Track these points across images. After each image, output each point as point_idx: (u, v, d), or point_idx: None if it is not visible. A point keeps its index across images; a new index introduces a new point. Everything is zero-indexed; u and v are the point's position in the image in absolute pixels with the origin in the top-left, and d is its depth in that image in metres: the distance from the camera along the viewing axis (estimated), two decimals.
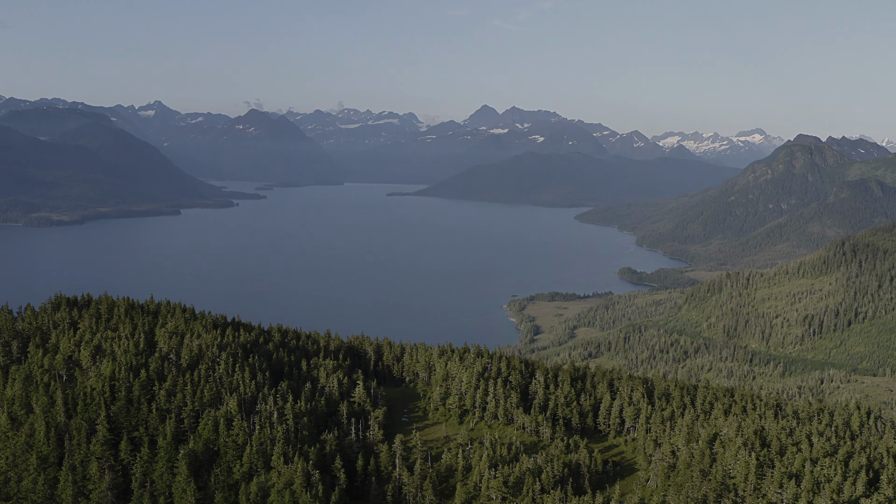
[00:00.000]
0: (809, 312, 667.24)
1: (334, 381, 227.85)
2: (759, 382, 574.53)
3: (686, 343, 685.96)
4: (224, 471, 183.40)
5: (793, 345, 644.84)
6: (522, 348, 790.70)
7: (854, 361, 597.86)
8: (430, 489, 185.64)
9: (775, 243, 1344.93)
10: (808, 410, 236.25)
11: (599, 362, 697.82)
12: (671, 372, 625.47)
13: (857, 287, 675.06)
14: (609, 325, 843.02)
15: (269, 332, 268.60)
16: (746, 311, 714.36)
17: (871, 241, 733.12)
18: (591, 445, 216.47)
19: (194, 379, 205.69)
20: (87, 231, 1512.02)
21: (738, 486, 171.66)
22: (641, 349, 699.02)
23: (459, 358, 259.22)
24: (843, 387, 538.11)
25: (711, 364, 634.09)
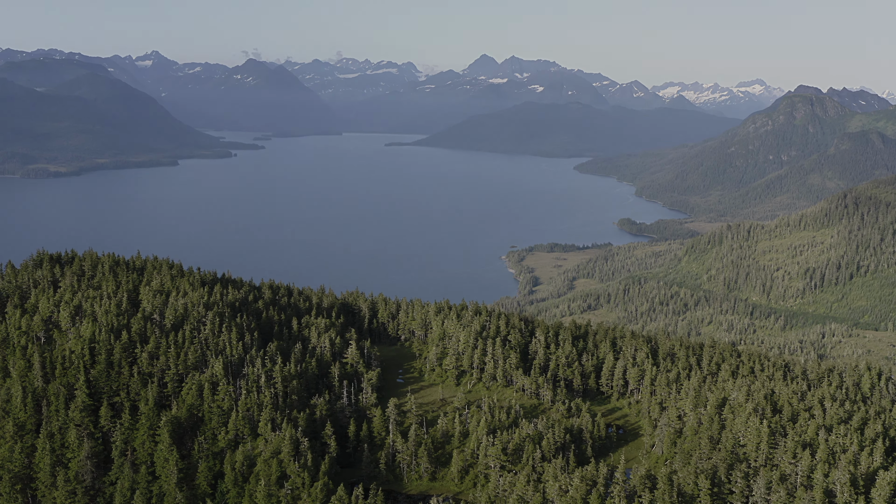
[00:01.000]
0: (811, 265, 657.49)
1: (326, 342, 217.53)
2: (759, 336, 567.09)
3: (686, 296, 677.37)
4: (208, 438, 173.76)
5: (794, 298, 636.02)
6: (521, 300, 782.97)
7: (856, 316, 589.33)
8: (425, 457, 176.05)
9: (775, 195, 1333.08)
10: (816, 371, 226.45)
11: (599, 314, 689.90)
12: (671, 325, 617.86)
13: (858, 240, 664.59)
14: (608, 277, 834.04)
15: (259, 289, 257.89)
16: (747, 263, 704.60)
17: (874, 194, 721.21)
18: (593, 408, 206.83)
19: (178, 341, 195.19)
20: (85, 183, 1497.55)
21: (750, 456, 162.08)
22: (641, 301, 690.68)
23: (457, 316, 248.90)
24: (844, 341, 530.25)
25: (712, 317, 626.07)
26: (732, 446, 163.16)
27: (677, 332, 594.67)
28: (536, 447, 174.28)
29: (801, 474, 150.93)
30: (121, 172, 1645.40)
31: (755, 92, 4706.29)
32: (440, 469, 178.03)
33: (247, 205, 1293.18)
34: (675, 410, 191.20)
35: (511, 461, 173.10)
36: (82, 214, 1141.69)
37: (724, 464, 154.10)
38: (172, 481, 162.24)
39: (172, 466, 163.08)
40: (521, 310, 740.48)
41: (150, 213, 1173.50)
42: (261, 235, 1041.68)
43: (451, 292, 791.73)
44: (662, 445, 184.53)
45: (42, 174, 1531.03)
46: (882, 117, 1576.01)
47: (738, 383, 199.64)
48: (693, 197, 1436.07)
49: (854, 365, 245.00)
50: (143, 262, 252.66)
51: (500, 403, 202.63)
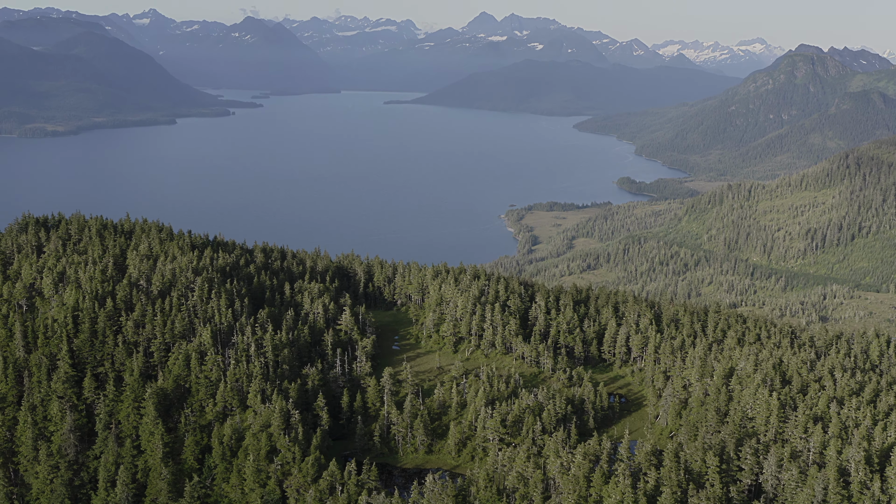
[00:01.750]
0: (812, 226, 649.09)
1: (319, 308, 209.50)
2: (760, 297, 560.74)
3: (686, 256, 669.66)
4: (195, 411, 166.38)
5: (794, 259, 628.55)
6: (520, 259, 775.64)
7: (857, 277, 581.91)
8: (420, 429, 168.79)
9: (775, 154, 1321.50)
10: (824, 338, 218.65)
11: (598, 274, 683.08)
12: (671, 285, 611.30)
13: (860, 201, 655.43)
14: (608, 236, 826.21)
15: (251, 253, 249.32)
16: (748, 223, 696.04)
17: (876, 154, 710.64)
18: (595, 377, 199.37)
19: (165, 308, 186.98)
20: (82, 142, 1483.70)
21: (759, 430, 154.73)
22: (641, 261, 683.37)
23: (454, 280, 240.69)
24: (846, 303, 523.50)
25: (712, 277, 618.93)
26: (741, 420, 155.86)
27: (677, 293, 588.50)
28: (537, 419, 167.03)
29: (813, 451, 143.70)
30: (118, 131, 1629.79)
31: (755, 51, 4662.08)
32: (437, 442, 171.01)
33: (244, 164, 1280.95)
34: (681, 380, 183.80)
35: (510, 434, 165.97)
36: (77, 175, 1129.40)
37: (732, 439, 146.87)
38: (158, 456, 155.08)
39: (158, 440, 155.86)
40: (521, 269, 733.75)
41: (146, 174, 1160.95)
42: (257, 195, 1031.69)
43: (450, 252, 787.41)
44: (667, 417, 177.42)
45: (39, 133, 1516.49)
46: (883, 77, 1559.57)
47: (744, 352, 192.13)
48: (693, 156, 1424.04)
49: (862, 332, 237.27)
50: (131, 226, 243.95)
51: (498, 372, 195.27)
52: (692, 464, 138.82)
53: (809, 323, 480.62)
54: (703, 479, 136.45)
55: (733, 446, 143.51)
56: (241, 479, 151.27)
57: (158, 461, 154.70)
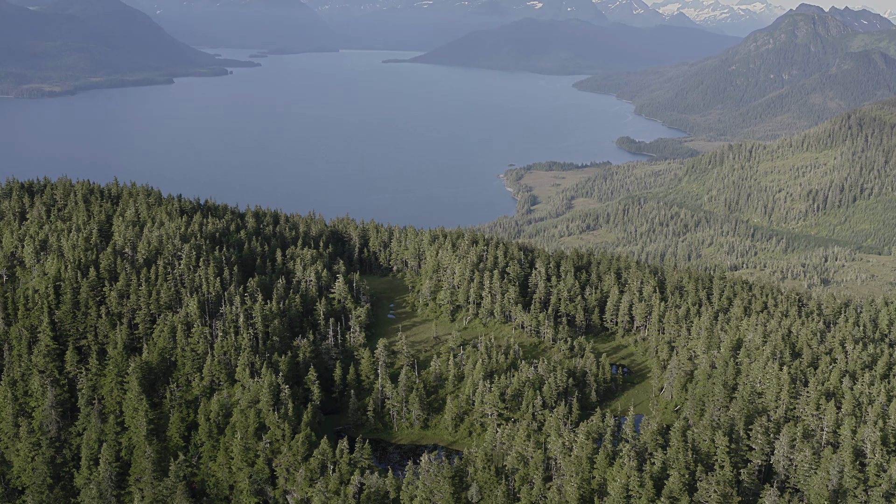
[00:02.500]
0: (813, 187, 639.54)
1: (312, 275, 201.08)
2: (760, 258, 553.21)
3: (686, 216, 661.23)
4: (181, 385, 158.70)
5: (796, 220, 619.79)
6: (519, 219, 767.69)
7: (859, 239, 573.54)
8: (416, 403, 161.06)
9: (776, 114, 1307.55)
10: (832, 306, 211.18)
11: (598, 235, 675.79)
12: (671, 246, 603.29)
13: (862, 162, 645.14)
14: (607, 196, 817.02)
15: (243, 217, 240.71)
16: (748, 184, 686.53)
17: (878, 115, 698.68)
18: (597, 347, 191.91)
19: (151, 278, 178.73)
20: (79, 102, 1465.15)
21: (768, 407, 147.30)
22: (640, 222, 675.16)
23: (452, 245, 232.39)
24: (847, 266, 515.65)
25: (712, 238, 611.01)
26: (749, 395, 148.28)
27: (677, 254, 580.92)
28: (537, 393, 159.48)
29: (826, 430, 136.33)
30: (115, 91, 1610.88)
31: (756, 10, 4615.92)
32: (433, 416, 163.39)
33: (241, 125, 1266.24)
34: (686, 352, 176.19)
35: (509, 408, 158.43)
36: (71, 137, 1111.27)
37: (741, 416, 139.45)
38: (142, 433, 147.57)
39: (142, 417, 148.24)
40: (519, 230, 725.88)
41: (142, 135, 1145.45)
42: (254, 157, 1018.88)
43: (449, 212, 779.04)
44: (672, 390, 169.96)
45: (36, 94, 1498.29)
46: (885, 37, 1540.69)
47: (752, 321, 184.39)
48: (693, 115, 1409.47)
49: (870, 300, 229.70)
50: (118, 190, 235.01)
51: (497, 342, 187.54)
52: (700, 443, 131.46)
53: (811, 286, 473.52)
54: (712, 460, 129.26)
55: (743, 425, 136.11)
56: (228, 458, 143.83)
57: (142, 439, 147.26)
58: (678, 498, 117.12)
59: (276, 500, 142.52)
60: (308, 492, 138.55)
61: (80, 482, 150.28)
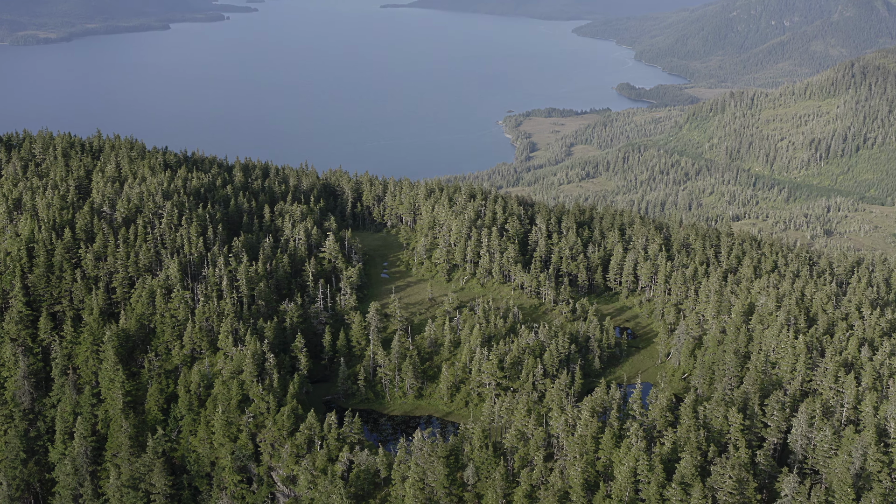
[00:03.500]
0: (816, 136, 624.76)
1: (301, 233, 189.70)
2: (762, 208, 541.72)
3: (687, 164, 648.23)
4: (161, 354, 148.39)
5: (798, 169, 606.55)
6: (518, 166, 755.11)
7: (862, 189, 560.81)
8: (409, 371, 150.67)
9: (777, 61, 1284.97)
10: (843, 265, 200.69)
11: (598, 183, 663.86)
12: (671, 195, 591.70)
13: (866, 111, 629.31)
14: (607, 144, 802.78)
15: (230, 170, 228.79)
16: (750, 132, 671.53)
17: (882, 64, 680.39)
18: (600, 308, 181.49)
19: (129, 238, 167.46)
20: (74, 49, 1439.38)
21: (783, 378, 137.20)
22: (641, 170, 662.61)
23: (448, 199, 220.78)
24: (850, 216, 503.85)
25: (713, 187, 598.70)
26: (763, 366, 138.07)
27: (678, 203, 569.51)
28: (537, 361, 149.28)
29: (846, 405, 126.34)
30: (111, 38, 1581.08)
31: None
32: (427, 385, 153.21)
33: (236, 72, 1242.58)
34: (695, 316, 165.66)
35: (508, 377, 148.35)
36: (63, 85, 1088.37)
37: (755, 389, 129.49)
38: (118, 406, 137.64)
39: (118, 389, 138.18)
40: (518, 177, 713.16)
41: (134, 83, 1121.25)
42: (248, 105, 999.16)
43: (447, 160, 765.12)
44: (679, 356, 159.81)
45: (31, 41, 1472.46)
46: None
47: (762, 283, 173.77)
48: (693, 62, 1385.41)
49: (882, 258, 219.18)
50: (100, 143, 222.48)
51: (495, 304, 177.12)
52: (712, 420, 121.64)
53: (814, 237, 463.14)
54: (725, 439, 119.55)
55: (757, 400, 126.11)
56: (209, 433, 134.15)
57: (119, 412, 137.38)
58: (690, 483, 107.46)
59: (261, 477, 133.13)
60: (294, 469, 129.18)
61: (54, 457, 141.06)
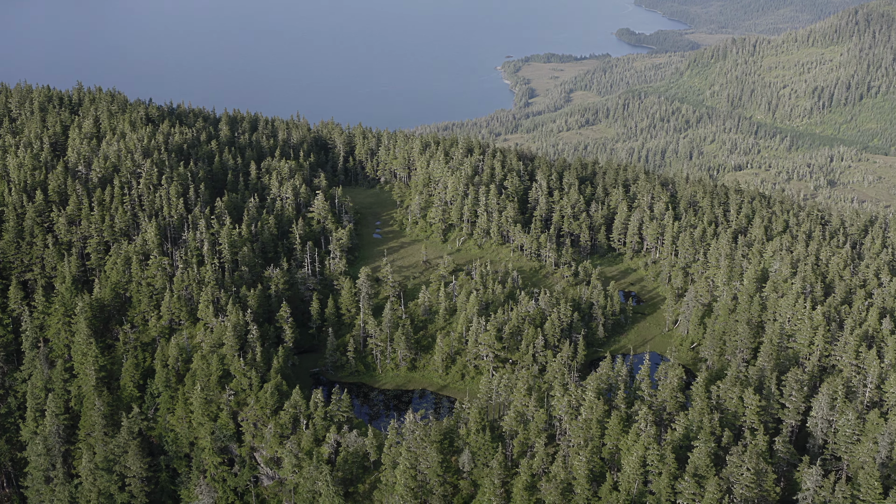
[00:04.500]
0: (819, 84, 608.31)
1: (289, 191, 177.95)
2: (764, 157, 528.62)
3: (688, 112, 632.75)
4: (137, 325, 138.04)
5: (800, 118, 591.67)
6: (517, 113, 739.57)
7: (865, 139, 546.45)
8: (402, 342, 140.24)
9: (778, 7, 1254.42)
10: (856, 223, 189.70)
11: (597, 130, 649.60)
12: (672, 142, 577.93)
13: (870, 59, 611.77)
14: (606, 90, 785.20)
15: (217, 124, 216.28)
16: (752, 80, 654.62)
17: (886, 11, 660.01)
18: (604, 271, 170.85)
19: (105, 200, 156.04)
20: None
21: (801, 353, 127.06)
22: (641, 117, 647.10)
23: (445, 154, 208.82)
24: (854, 166, 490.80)
25: (714, 135, 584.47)
26: (779, 338, 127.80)
27: (679, 151, 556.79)
28: (538, 331, 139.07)
29: (870, 385, 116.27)
30: None
31: None
32: (421, 356, 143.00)
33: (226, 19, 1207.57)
34: (704, 282, 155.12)
35: (507, 348, 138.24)
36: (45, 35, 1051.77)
37: (770, 362, 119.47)
38: (91, 382, 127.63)
39: (90, 364, 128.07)
40: (517, 124, 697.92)
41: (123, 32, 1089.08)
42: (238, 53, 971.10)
43: (445, 106, 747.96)
44: (688, 324, 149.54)
45: None
46: None
47: (775, 246, 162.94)
48: (694, 7, 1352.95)
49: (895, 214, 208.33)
50: (80, 96, 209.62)
51: (493, 267, 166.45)
52: (726, 401, 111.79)
53: (817, 187, 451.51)
54: (740, 422, 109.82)
55: (774, 378, 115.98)
56: (187, 411, 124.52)
57: (91, 389, 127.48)
58: (705, 476, 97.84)
59: (243, 458, 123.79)
60: (278, 451, 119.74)
61: (26, 435, 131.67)
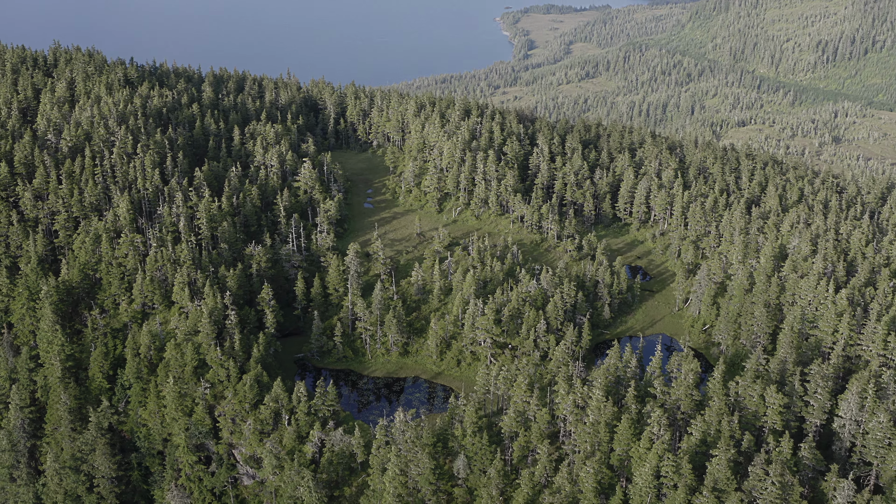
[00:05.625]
0: (823, 38, 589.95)
1: (274, 158, 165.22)
2: (767, 111, 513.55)
3: (689, 65, 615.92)
4: (108, 309, 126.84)
5: (804, 72, 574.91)
6: (516, 65, 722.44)
7: (869, 94, 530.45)
8: (393, 326, 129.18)
9: None
10: (872, 190, 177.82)
11: (598, 83, 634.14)
12: (673, 96, 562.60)
13: (875, 13, 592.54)
14: (607, 42, 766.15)
15: (200, 84, 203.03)
16: (755, 32, 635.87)
17: None
18: (609, 244, 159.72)
19: (75, 172, 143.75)
20: None
21: (824, 341, 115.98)
22: (642, 70, 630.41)
23: (441, 116, 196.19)
24: (858, 122, 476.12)
25: (717, 89, 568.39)
26: (800, 324, 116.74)
27: (680, 105, 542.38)
28: (539, 314, 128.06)
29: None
30: None
31: None
32: (414, 340, 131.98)
33: None
34: (718, 259, 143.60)
35: (507, 332, 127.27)
36: None
37: (792, 355, 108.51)
38: (57, 373, 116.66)
39: (56, 354, 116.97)
40: (516, 76, 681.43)
41: None
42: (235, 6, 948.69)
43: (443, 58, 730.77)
44: (700, 304, 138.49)
45: None
46: None
47: (792, 219, 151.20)
48: None
49: None
50: (55, 57, 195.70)
51: (492, 241, 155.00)
52: (746, 399, 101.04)
53: (822, 144, 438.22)
54: (761, 422, 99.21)
55: (798, 373, 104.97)
56: (160, 406, 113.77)
57: (57, 380, 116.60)
58: (725, 490, 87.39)
59: (220, 456, 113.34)
60: (258, 449, 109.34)
61: None
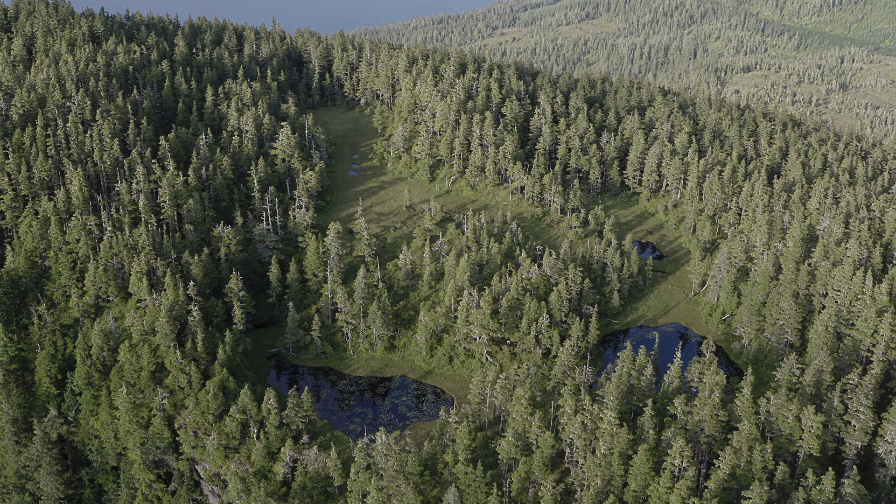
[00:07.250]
0: None
1: (250, 122, 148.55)
2: (772, 56, 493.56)
3: (692, 6, 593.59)
4: (59, 301, 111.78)
5: (809, 15, 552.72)
6: (514, 4, 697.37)
7: (876, 39, 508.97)
8: (378, 318, 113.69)
9: None
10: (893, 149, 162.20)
11: (598, 24, 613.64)
12: (675, 39, 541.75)
13: None
14: None
15: (174, 37, 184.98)
16: None
17: None
18: (617, 216, 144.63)
19: (24, 144, 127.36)
20: None
21: (862, 342, 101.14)
22: (643, 11, 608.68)
23: (434, 73, 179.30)
24: (866, 68, 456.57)
25: (720, 32, 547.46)
26: (835, 322, 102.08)
27: (682, 48, 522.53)
28: (541, 306, 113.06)
29: None
30: None
31: None
32: (401, 333, 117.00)
33: None
34: (739, 240, 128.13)
35: (505, 326, 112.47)
36: None
37: (829, 363, 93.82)
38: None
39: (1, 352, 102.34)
40: (515, 17, 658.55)
41: None
42: None
43: None
44: (719, 290, 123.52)
45: None
46: None
47: (819, 192, 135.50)
48: None
49: None
50: (17, 9, 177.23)
51: (489, 215, 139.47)
52: (778, 419, 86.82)
53: (830, 91, 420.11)
54: (796, 447, 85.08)
55: (837, 388, 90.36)
56: (113, 416, 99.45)
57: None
58: None
59: (182, 473, 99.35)
60: (223, 466, 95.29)
61: None
